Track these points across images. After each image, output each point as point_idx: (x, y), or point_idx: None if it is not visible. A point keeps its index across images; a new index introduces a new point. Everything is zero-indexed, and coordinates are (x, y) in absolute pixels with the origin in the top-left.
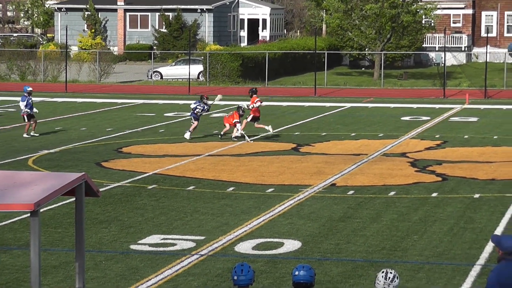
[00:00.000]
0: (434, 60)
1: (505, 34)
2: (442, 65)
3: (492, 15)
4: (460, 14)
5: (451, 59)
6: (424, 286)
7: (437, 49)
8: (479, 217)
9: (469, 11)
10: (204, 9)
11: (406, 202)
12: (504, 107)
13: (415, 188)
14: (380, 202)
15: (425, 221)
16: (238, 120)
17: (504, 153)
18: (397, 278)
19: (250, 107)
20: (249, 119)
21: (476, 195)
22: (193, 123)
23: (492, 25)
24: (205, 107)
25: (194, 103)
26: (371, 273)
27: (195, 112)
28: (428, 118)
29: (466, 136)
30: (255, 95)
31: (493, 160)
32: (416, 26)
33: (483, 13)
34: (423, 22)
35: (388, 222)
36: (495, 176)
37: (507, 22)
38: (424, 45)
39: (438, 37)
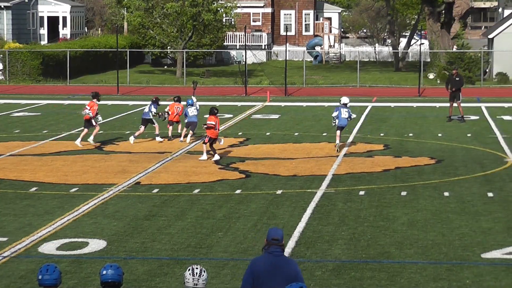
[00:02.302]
0: (235, 58)
1: (304, 33)
2: (243, 63)
3: (290, 14)
4: (259, 13)
5: (251, 57)
6: (229, 282)
7: (238, 47)
8: (281, 213)
9: (268, 10)
10: (2, 6)
11: (211, 199)
12: (304, 104)
13: (219, 185)
14: (185, 199)
15: (229, 218)
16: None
17: (304, 149)
18: (204, 272)
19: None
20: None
21: (279, 191)
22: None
23: (290, 24)
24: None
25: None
26: (176, 271)
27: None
28: (231, 115)
29: (268, 133)
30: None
31: (295, 156)
32: (217, 24)
33: (282, 12)
34: (224, 20)
35: (193, 219)
36: (296, 172)
37: (305, 21)
38: (225, 44)
39: (239, 35)
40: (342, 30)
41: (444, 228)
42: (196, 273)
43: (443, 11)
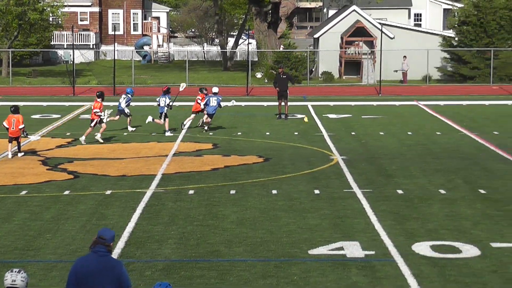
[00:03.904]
0: (63, 58)
1: (132, 32)
2: (71, 63)
3: (118, 13)
4: (87, 12)
5: (79, 57)
6: (58, 284)
7: (65, 46)
8: (111, 213)
9: (96, 9)
10: None
11: (38, 201)
12: (133, 104)
13: (47, 186)
14: (12, 201)
15: (58, 219)
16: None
17: (133, 149)
18: (24, 272)
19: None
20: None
21: (108, 192)
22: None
23: (119, 23)
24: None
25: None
26: (3, 275)
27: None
28: (59, 116)
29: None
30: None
31: (124, 156)
32: (44, 23)
33: (110, 11)
34: (51, 19)
35: (20, 221)
36: (125, 172)
37: (133, 20)
38: (52, 43)
39: (67, 34)
40: (170, 29)
41: (272, 226)
42: (15, 270)
43: (270, 11)
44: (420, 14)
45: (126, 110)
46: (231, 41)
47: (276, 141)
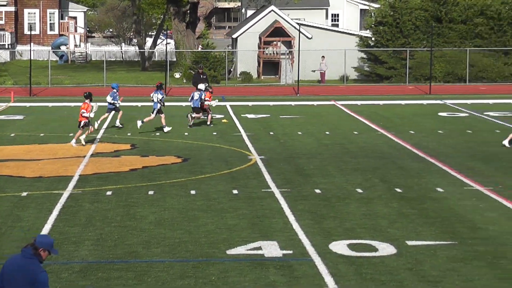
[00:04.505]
0: None
1: (49, 32)
2: None
3: (35, 13)
4: (2, 11)
5: None
6: None
7: None
8: (27, 215)
9: (12, 9)
10: None
11: None
12: (50, 104)
13: None
14: None
15: None
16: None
17: (50, 150)
18: None
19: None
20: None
21: (24, 193)
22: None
23: (35, 23)
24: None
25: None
26: None
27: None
28: None
29: (12, 135)
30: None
31: (40, 157)
32: None
33: (26, 11)
34: None
35: None
36: (42, 173)
37: (50, 20)
38: None
39: None
40: (87, 29)
41: (190, 226)
42: None
43: (188, 11)
44: (338, 15)
45: (117, 104)
46: (149, 41)
47: (195, 141)
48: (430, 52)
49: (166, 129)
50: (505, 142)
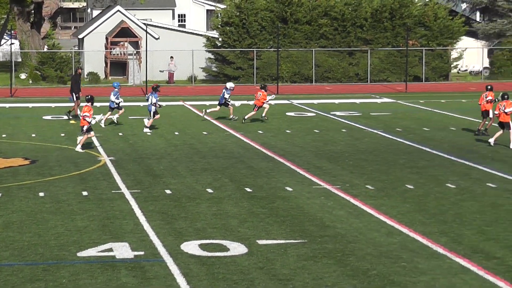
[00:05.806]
0: None
1: None
2: None
3: None
4: None
5: None
6: None
7: None
8: None
9: None
10: None
11: None
12: None
13: None
14: None
15: None
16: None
17: None
18: None
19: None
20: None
21: None
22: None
23: None
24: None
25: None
26: None
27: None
28: None
29: None
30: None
31: None
32: None
33: None
34: None
35: None
36: None
37: None
38: None
39: None
40: None
41: (40, 229)
42: None
43: (33, 11)
44: (184, 15)
45: (119, 101)
46: None
47: (43, 142)
48: (277, 53)
49: (146, 130)
50: (491, 141)
